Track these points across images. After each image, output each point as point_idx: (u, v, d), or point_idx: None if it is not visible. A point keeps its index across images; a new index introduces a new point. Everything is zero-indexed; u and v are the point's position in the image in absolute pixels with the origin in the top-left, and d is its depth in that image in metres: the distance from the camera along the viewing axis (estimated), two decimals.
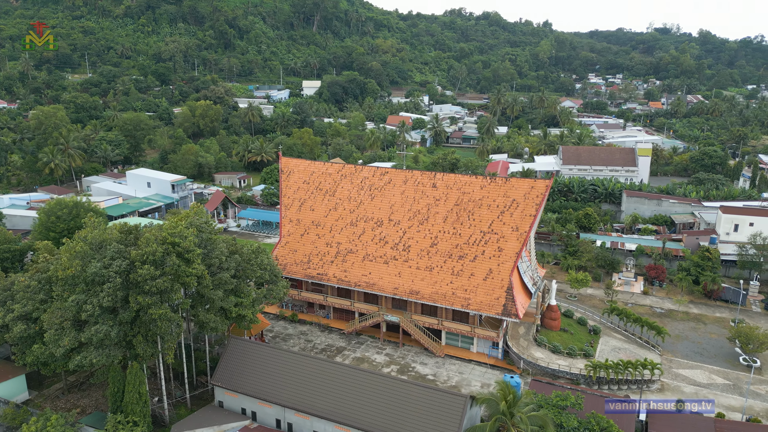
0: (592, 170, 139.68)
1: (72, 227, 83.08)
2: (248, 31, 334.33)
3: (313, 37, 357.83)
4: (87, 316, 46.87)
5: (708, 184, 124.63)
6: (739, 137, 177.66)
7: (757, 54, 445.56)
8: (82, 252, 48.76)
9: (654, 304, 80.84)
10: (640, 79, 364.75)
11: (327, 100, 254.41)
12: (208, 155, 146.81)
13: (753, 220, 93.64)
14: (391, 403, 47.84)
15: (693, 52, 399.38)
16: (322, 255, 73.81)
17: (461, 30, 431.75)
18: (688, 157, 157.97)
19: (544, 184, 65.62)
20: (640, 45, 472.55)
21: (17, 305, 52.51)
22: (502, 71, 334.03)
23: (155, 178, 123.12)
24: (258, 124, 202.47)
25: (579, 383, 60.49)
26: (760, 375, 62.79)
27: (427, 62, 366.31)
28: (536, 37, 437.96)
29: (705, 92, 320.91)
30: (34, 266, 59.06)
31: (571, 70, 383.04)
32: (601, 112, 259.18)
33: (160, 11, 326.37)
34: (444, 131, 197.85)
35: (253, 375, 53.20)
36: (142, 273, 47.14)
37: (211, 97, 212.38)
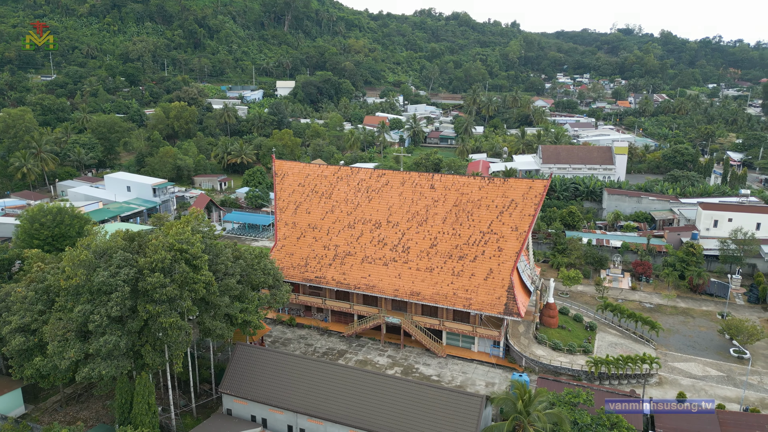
0: (571, 169, 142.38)
1: (56, 234, 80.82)
2: (218, 31, 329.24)
3: (284, 36, 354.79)
4: (95, 326, 45.59)
5: (683, 181, 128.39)
6: (707, 135, 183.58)
7: (716, 54, 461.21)
8: (87, 261, 47.40)
9: (643, 300, 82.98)
10: (607, 79, 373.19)
11: (302, 101, 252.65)
12: (186, 158, 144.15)
13: (732, 215, 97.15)
14: (407, 406, 47.94)
15: (656, 52, 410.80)
16: (320, 258, 73.38)
17: (432, 30, 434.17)
18: (660, 155, 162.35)
19: (542, 184, 66.66)
20: (605, 45, 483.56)
21: (15, 317, 50.68)
22: (473, 71, 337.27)
23: (135, 181, 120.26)
24: (234, 126, 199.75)
25: (581, 379, 61.70)
26: (751, 366, 65.08)
27: (399, 62, 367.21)
28: (505, 38, 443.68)
29: (669, 91, 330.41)
30: (28, 276, 57.14)
31: (540, 70, 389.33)
32: (572, 112, 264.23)
33: (126, 10, 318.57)
34: (422, 131, 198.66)
35: (262, 381, 52.60)
36: (152, 281, 46.15)
37: (184, 98, 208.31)
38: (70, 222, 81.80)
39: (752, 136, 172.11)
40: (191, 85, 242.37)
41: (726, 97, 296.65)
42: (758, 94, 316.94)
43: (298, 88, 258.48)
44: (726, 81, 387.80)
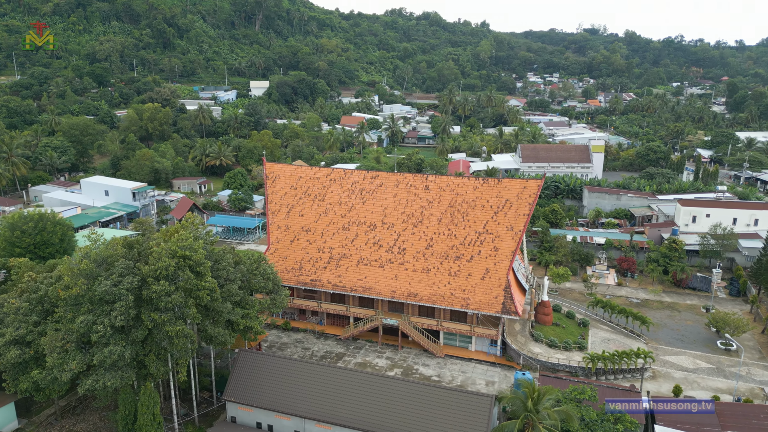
0: (550, 167, 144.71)
1: (39, 242, 78.48)
2: (188, 30, 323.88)
3: (256, 36, 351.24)
4: (98, 337, 44.43)
5: (659, 179, 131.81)
6: (677, 133, 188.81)
7: (679, 53, 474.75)
8: (87, 270, 46.14)
9: (629, 295, 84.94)
10: (576, 78, 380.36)
11: (277, 101, 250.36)
12: (164, 160, 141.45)
13: (709, 211, 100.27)
14: (416, 408, 48.09)
15: (622, 52, 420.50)
16: (315, 261, 72.96)
17: (403, 30, 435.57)
18: (634, 153, 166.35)
19: (536, 184, 67.62)
20: (572, 45, 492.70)
21: (9, 329, 49.02)
22: (446, 71, 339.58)
23: (113, 186, 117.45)
24: (209, 127, 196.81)
25: (578, 375, 62.83)
26: (737, 357, 67.30)
27: (372, 62, 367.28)
28: (475, 37, 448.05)
29: (636, 90, 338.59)
30: (18, 286, 55.33)
31: (510, 70, 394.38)
32: (545, 110, 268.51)
33: (91, 9, 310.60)
34: (400, 131, 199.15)
35: (267, 387, 52.06)
36: (157, 289, 45.23)
37: (157, 99, 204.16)
38: (52, 229, 79.51)
39: (720, 134, 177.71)
40: (163, 85, 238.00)
41: (692, 95, 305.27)
42: (721, 92, 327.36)
43: (273, 89, 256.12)
44: (689, 80, 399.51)
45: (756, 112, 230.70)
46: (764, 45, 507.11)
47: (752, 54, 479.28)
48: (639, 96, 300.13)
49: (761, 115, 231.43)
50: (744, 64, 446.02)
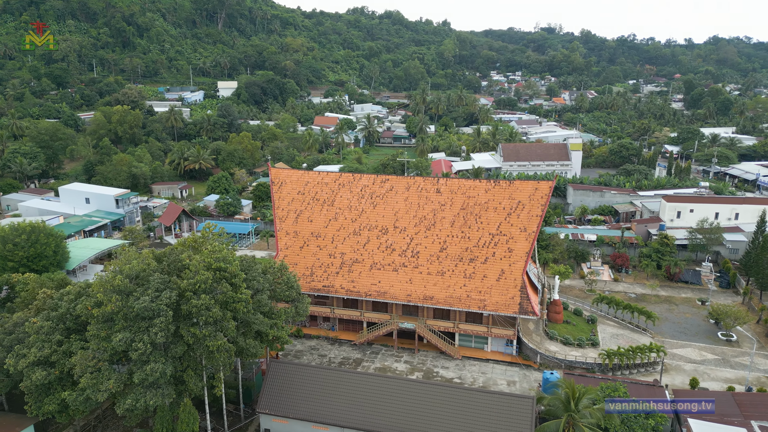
0: (530, 166, 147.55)
1: (32, 255, 75.57)
2: (148, 29, 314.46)
3: (219, 35, 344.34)
4: (138, 354, 42.94)
5: (636, 175, 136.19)
6: (644, 130, 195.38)
7: (633, 52, 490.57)
8: (122, 286, 44.50)
9: (626, 290, 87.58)
10: (538, 76, 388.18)
11: (246, 101, 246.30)
12: (142, 165, 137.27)
13: (693, 206, 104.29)
14: (458, 412, 48.44)
15: (581, 51, 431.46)
16: (326, 266, 72.37)
17: (366, 29, 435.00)
18: (607, 150, 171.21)
19: (548, 185, 68.96)
20: (531, 44, 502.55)
21: (32, 349, 46.81)
22: (412, 70, 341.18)
23: (95, 193, 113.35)
24: (180, 129, 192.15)
25: (594, 371, 64.50)
26: (739, 347, 70.43)
27: (338, 61, 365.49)
28: (438, 36, 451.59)
29: (596, 88, 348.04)
30: (34, 304, 52.95)
31: (474, 68, 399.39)
32: (513, 109, 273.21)
33: (45, 7, 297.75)
34: (376, 131, 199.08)
35: (302, 397, 51.44)
36: (197, 303, 44.07)
37: (124, 101, 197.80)
38: (45, 241, 76.65)
39: (686, 130, 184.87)
40: (127, 86, 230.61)
41: (652, 93, 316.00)
42: (676, 89, 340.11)
43: (242, 89, 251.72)
44: (644, 77, 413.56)
45: (713, 108, 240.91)
46: (711, 43, 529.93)
47: (701, 52, 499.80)
48: (600, 94, 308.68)
49: (718, 111, 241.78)
50: (694, 62, 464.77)
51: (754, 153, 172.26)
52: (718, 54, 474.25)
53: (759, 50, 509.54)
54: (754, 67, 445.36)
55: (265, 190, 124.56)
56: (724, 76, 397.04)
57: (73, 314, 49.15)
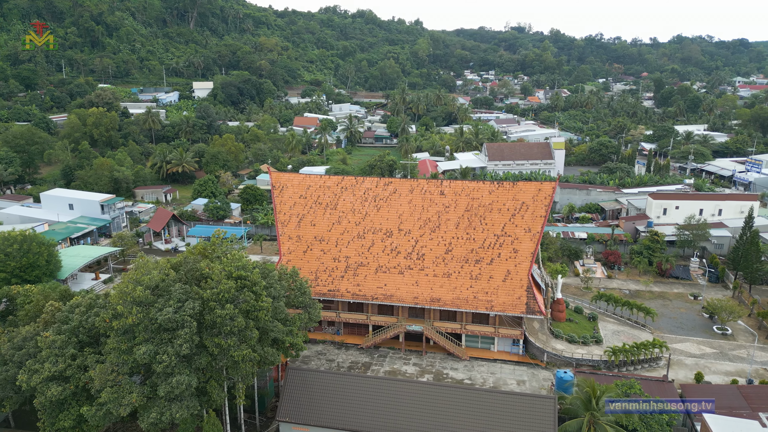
0: (515, 165, 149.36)
1: (24, 265, 73.51)
2: (117, 29, 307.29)
3: (191, 34, 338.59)
4: (163, 367, 42.03)
5: (619, 173, 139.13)
6: (620, 128, 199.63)
7: (600, 51, 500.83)
8: (143, 297, 43.47)
9: (620, 287, 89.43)
10: (511, 75, 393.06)
11: (223, 102, 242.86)
12: (124, 169, 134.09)
13: (678, 203, 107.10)
14: (481, 415, 48.77)
15: (552, 50, 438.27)
16: (331, 270, 71.97)
17: (340, 28, 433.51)
18: (586, 148, 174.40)
19: (551, 186, 69.93)
20: (503, 43, 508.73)
21: (46, 365, 45.44)
22: (388, 69, 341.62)
23: (78, 198, 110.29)
24: (158, 131, 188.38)
25: (600, 368, 65.72)
26: (735, 341, 72.68)
27: (313, 60, 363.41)
28: (411, 36, 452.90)
29: (568, 86, 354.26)
30: (42, 317, 51.34)
31: (448, 68, 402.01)
32: (490, 108, 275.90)
33: (8, 5, 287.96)
34: (358, 131, 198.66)
35: (323, 404, 51.09)
36: (222, 314, 43.38)
37: (98, 103, 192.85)
38: (38, 250, 74.41)
39: (661, 128, 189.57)
40: (99, 88, 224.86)
41: (624, 91, 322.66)
42: (645, 87, 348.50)
43: (218, 89, 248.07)
44: (613, 76, 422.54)
45: (683, 106, 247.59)
46: (675, 42, 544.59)
47: (666, 50, 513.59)
48: (573, 92, 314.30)
49: (688, 108, 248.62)
50: (660, 60, 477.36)
51: (726, 150, 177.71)
52: (682, 52, 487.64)
53: (720, 49, 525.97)
54: (717, 65, 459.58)
55: (253, 192, 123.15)
56: (689, 74, 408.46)
57: (86, 327, 47.90)
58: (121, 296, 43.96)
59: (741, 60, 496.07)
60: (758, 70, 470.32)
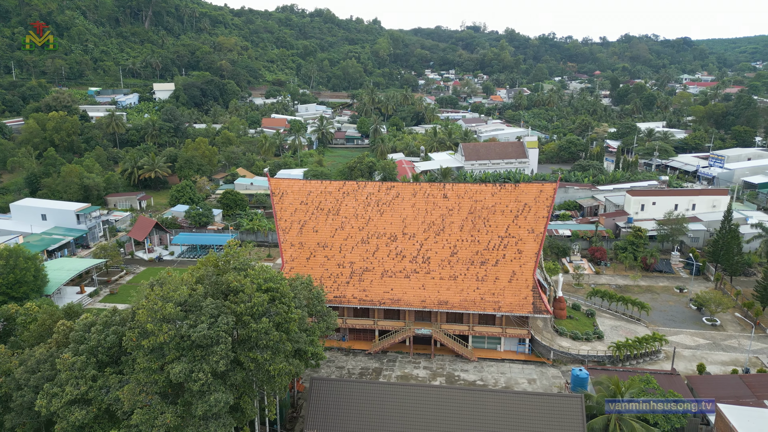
0: (491, 164, 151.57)
1: (11, 281, 69.96)
2: (68, 28, 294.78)
3: (146, 34, 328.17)
4: (200, 385, 40.76)
5: (592, 170, 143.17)
6: (585, 126, 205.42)
7: (554, 49, 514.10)
8: (174, 314, 42.04)
9: (609, 282, 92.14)
10: (470, 74, 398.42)
11: (186, 104, 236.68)
12: (94, 176, 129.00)
13: (655, 199, 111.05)
14: (510, 417, 49.39)
15: (510, 49, 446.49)
16: (335, 277, 71.38)
17: (298, 27, 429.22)
18: (556, 146, 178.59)
19: (552, 187, 71.37)
20: (460, 42, 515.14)
21: (67, 387, 43.37)
22: (351, 69, 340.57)
23: (52, 208, 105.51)
24: (122, 135, 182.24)
25: (605, 364, 67.59)
26: (724, 331, 76.03)
27: (273, 60, 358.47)
28: (370, 35, 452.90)
29: (527, 85, 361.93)
30: (54, 338, 48.99)
31: (409, 67, 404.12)
32: (455, 107, 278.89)
33: None
34: (330, 132, 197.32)
35: (351, 415, 50.64)
36: (257, 327, 42.45)
37: (56, 107, 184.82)
38: (25, 265, 70.88)
39: (624, 126, 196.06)
40: (54, 90, 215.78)
41: (581, 89, 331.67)
42: (600, 85, 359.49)
43: (180, 91, 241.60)
44: (568, 74, 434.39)
45: (639, 103, 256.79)
46: (624, 41, 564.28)
47: (615, 49, 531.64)
48: (533, 91, 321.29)
49: (644, 106, 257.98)
50: (611, 59, 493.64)
51: (685, 145, 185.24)
52: (631, 51, 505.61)
53: (666, 47, 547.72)
54: (664, 63, 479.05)
55: (233, 197, 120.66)
56: (639, 72, 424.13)
57: (105, 346, 45.98)
58: (149, 313, 42.34)
59: (686, 58, 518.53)
60: (702, 67, 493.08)
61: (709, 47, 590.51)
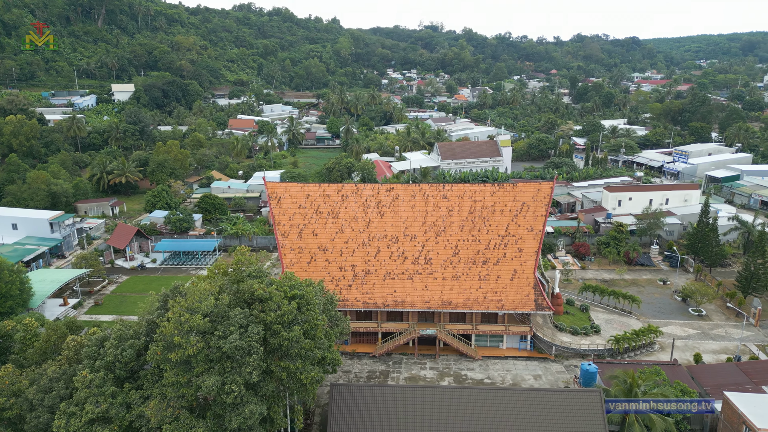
0: (466, 163, 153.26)
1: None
2: (17, 27, 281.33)
3: (99, 33, 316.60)
4: (233, 398, 39.73)
5: (565, 167, 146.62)
6: (551, 124, 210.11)
7: (511, 49, 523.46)
8: (203, 326, 40.80)
9: (596, 277, 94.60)
10: (432, 74, 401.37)
11: (147, 105, 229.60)
12: (62, 182, 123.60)
13: (631, 195, 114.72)
14: (533, 414, 50.05)
15: (469, 49, 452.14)
16: (338, 280, 70.74)
17: (257, 26, 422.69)
18: (525, 144, 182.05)
19: (549, 186, 72.72)
20: (419, 41, 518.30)
21: (87, 406, 41.58)
22: (314, 68, 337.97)
23: (23, 217, 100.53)
24: (84, 139, 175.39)
25: (605, 357, 69.41)
26: (711, 321, 79.22)
27: (233, 60, 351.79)
28: (330, 34, 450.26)
29: (488, 84, 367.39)
30: (64, 354, 46.80)
31: (371, 66, 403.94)
32: (421, 107, 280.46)
33: None
34: (300, 133, 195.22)
35: (375, 420, 50.25)
36: (288, 336, 41.68)
37: (11, 110, 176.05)
38: (9, 278, 67.47)
39: (589, 123, 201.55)
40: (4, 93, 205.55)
41: (542, 88, 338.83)
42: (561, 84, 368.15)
43: (140, 92, 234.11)
44: (526, 73, 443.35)
45: (599, 101, 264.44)
46: (577, 41, 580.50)
47: (569, 49, 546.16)
48: (495, 90, 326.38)
49: (603, 104, 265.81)
50: (565, 58, 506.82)
51: (647, 142, 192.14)
52: (584, 50, 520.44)
53: (616, 46, 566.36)
54: (615, 62, 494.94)
55: (212, 201, 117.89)
56: (593, 71, 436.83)
57: (122, 361, 44.21)
58: (176, 326, 40.94)
59: (635, 57, 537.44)
60: (651, 66, 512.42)
61: (656, 46, 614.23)
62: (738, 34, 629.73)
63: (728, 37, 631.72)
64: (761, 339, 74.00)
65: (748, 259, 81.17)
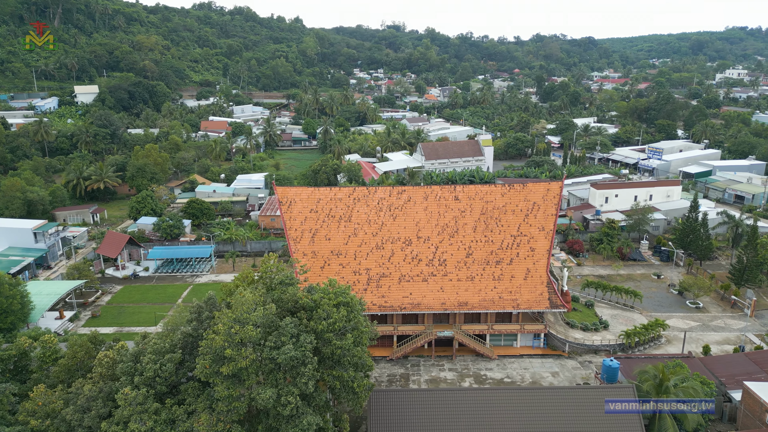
0: (450, 163, 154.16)
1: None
2: None
3: (56, 32, 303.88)
4: (291, 409, 38.82)
5: (547, 166, 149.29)
6: (525, 123, 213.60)
7: (474, 48, 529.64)
8: (255, 337, 39.70)
9: (592, 273, 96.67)
10: (399, 73, 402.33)
11: (113, 107, 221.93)
12: (38, 189, 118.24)
13: (617, 192, 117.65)
14: (571, 412, 50.69)
15: (435, 48, 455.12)
16: (352, 284, 69.73)
17: (219, 25, 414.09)
18: (503, 143, 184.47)
19: (558, 186, 73.89)
20: (383, 41, 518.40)
21: (132, 425, 39.89)
22: (281, 68, 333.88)
23: (5, 227, 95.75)
24: (51, 143, 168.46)
25: (616, 352, 71.02)
26: (708, 312, 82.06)
27: (197, 60, 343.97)
28: (294, 34, 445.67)
29: (455, 84, 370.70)
30: (97, 371, 44.76)
31: (337, 66, 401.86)
32: (393, 107, 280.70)
33: None
34: (277, 134, 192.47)
35: (415, 424, 49.96)
36: (342, 344, 41.01)
37: None
38: (10, 293, 64.25)
39: (563, 122, 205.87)
40: None
41: (509, 87, 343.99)
42: (525, 83, 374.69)
43: (105, 94, 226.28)
44: (490, 73, 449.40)
45: (566, 100, 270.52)
46: (537, 40, 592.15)
47: (530, 48, 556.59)
48: (463, 89, 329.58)
49: (570, 102, 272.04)
50: (527, 57, 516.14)
51: (618, 139, 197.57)
52: (544, 50, 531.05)
53: (573, 46, 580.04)
54: (574, 62, 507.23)
55: (198, 206, 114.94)
56: (554, 71, 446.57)
57: (162, 376, 42.63)
58: (226, 338, 39.69)
59: (592, 56, 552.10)
60: (608, 65, 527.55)
61: (611, 46, 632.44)
62: (687, 34, 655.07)
63: (678, 37, 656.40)
64: (758, 329, 77.09)
65: (741, 252, 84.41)
